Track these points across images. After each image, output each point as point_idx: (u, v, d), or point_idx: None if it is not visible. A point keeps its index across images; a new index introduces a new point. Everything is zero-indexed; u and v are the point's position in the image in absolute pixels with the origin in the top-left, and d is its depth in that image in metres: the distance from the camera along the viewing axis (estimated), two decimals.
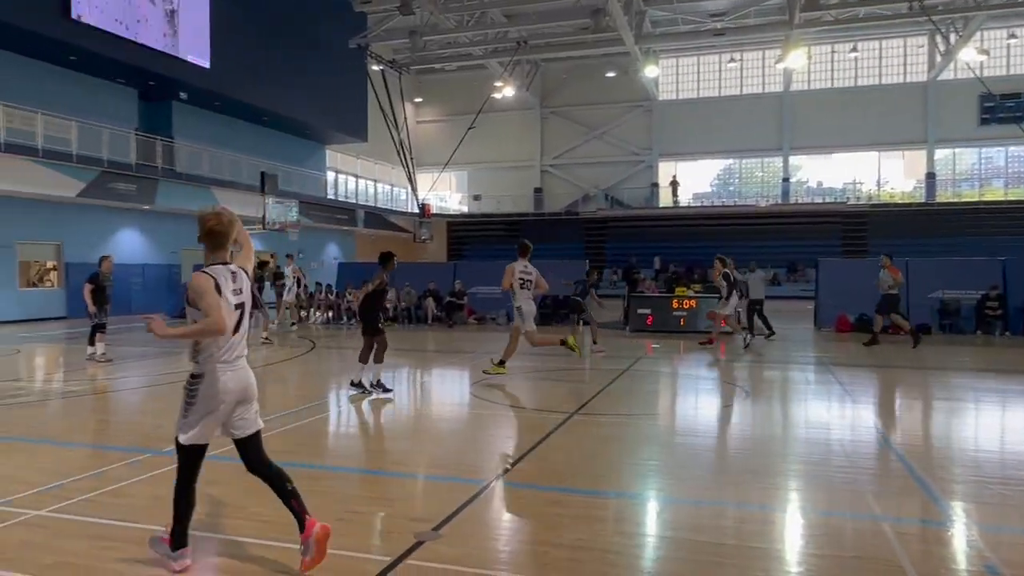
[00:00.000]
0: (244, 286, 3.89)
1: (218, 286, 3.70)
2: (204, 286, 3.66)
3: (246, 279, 3.93)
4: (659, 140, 41.88)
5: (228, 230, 3.87)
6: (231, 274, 3.83)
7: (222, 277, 3.75)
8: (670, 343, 15.40)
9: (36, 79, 21.31)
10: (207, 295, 3.64)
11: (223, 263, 3.85)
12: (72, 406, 8.75)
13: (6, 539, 4.22)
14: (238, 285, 3.85)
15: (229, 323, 3.71)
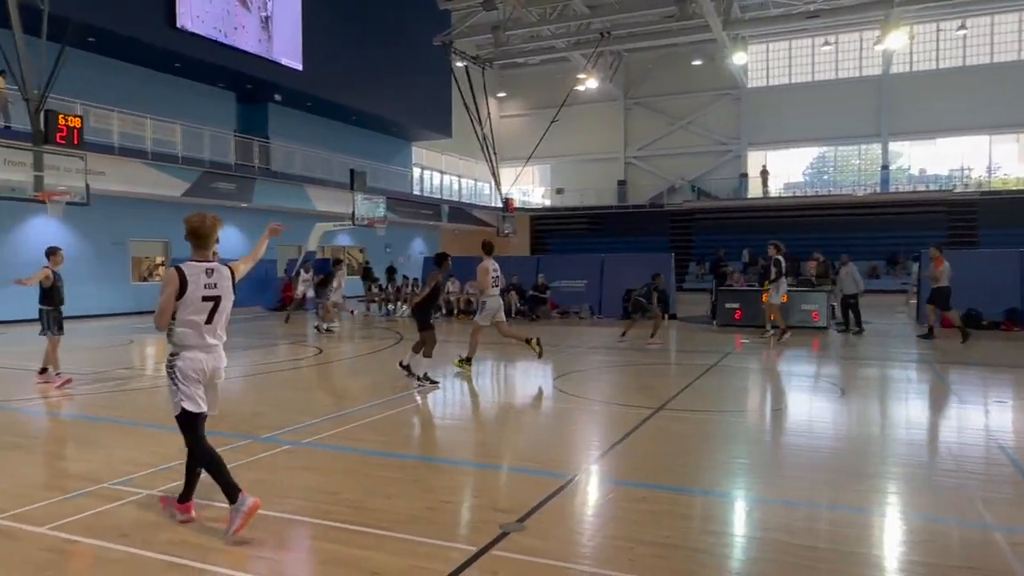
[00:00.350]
0: (221, 282, 4.34)
1: (184, 281, 4.19)
2: (166, 281, 4.27)
3: (226, 276, 4.38)
4: (748, 129, 40.57)
5: (210, 231, 4.37)
6: (207, 271, 4.30)
7: (193, 273, 4.24)
8: (760, 338, 14.93)
9: (144, 86, 22.69)
10: (164, 291, 4.24)
11: (203, 260, 4.34)
12: None
13: (123, 516, 4.54)
14: (213, 280, 4.30)
15: (196, 314, 4.24)
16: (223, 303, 4.37)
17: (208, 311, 4.30)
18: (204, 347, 4.33)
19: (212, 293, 4.31)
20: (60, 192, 14.45)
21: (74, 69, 15.91)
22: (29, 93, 13.98)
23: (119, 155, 20.07)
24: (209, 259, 4.41)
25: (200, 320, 4.27)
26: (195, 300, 4.23)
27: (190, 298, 4.22)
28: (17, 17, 13.57)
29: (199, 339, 4.30)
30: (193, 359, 4.30)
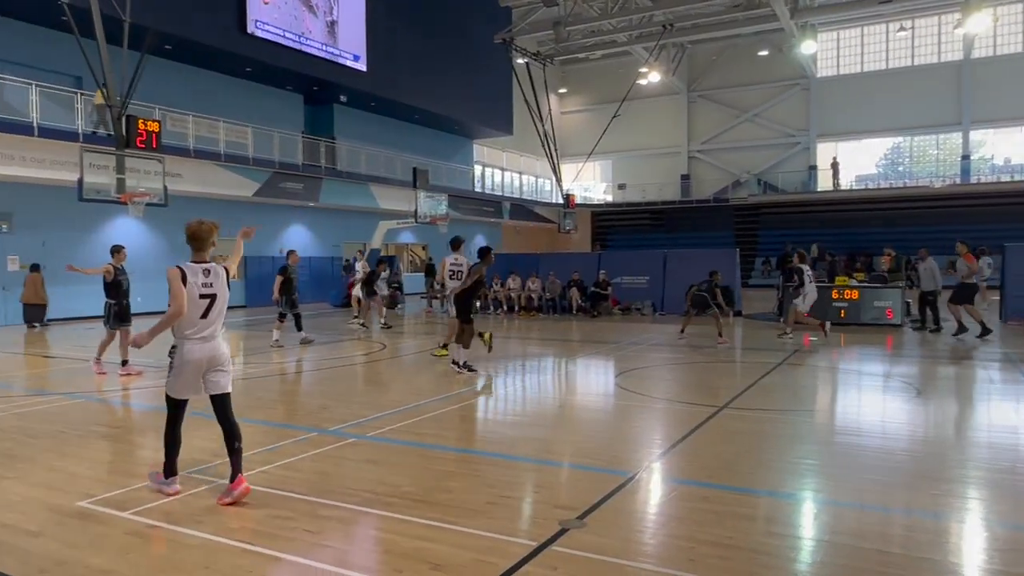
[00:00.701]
0: (216, 281, 4.83)
1: (184, 278, 4.67)
2: (171, 276, 4.70)
3: (222, 276, 4.88)
4: (817, 120, 39.28)
5: (206, 235, 4.90)
6: (204, 271, 4.80)
7: (192, 272, 4.74)
8: (830, 335, 14.47)
9: (217, 90, 23.56)
10: (172, 284, 4.67)
11: (201, 261, 4.86)
12: (251, 386, 9.64)
13: (199, 503, 4.75)
14: (209, 280, 4.80)
15: (194, 309, 4.70)
16: (219, 299, 4.84)
17: (205, 307, 4.77)
18: (201, 339, 4.79)
19: (209, 291, 4.79)
20: (140, 193, 15.15)
21: (152, 76, 16.64)
22: (112, 100, 14.69)
23: (194, 157, 20.91)
24: (206, 260, 4.90)
25: (197, 315, 4.74)
26: (193, 297, 4.70)
27: (189, 295, 4.68)
28: (101, 29, 14.27)
29: (197, 332, 4.76)
30: (190, 350, 4.76)
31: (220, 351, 4.89)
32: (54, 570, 3.75)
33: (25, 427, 7.02)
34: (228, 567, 3.76)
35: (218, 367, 4.88)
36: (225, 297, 4.90)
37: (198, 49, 21.45)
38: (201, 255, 4.90)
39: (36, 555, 3.94)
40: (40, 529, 4.31)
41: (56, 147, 17.42)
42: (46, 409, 7.96)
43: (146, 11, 15.21)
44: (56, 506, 4.73)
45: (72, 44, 14.46)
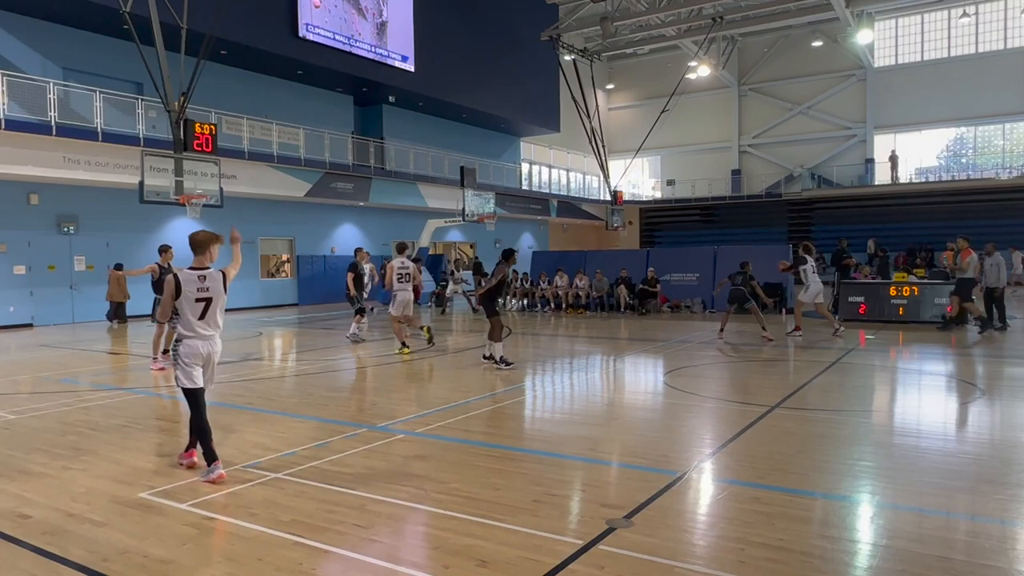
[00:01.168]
0: (213, 285, 5.35)
1: (179, 286, 5.25)
2: (166, 285, 5.31)
3: (218, 280, 5.38)
4: (874, 111, 38.05)
5: (203, 244, 5.42)
6: (200, 276, 5.33)
7: (188, 279, 5.28)
8: (887, 334, 14.04)
9: (270, 93, 24.12)
10: (165, 293, 5.34)
11: (199, 267, 5.38)
12: (303, 382, 9.85)
13: (252, 496, 4.87)
14: (205, 285, 5.33)
15: (191, 311, 5.27)
16: (215, 301, 5.38)
17: (201, 309, 5.33)
18: (200, 336, 5.34)
19: (204, 295, 5.33)
20: (198, 195, 15.61)
21: (208, 80, 17.13)
22: (170, 105, 15.17)
23: (248, 159, 21.45)
24: (205, 266, 5.42)
25: (195, 316, 5.31)
26: (190, 300, 5.28)
27: (186, 299, 5.27)
28: (160, 36, 14.75)
29: (195, 330, 5.32)
30: (191, 345, 5.32)
31: (218, 347, 5.47)
32: (117, 559, 3.89)
33: (90, 420, 7.31)
34: (280, 559, 3.85)
35: (215, 363, 5.47)
36: (221, 299, 5.43)
37: (252, 53, 21.99)
38: (200, 260, 5.44)
39: (100, 544, 4.10)
40: (104, 519, 4.49)
41: (118, 151, 18.09)
42: (109, 403, 8.28)
43: (202, 18, 15.65)
44: (119, 497, 4.91)
45: (133, 52, 14.99)
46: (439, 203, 28.30)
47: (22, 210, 18.50)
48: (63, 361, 12.08)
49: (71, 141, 17.38)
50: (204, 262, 5.44)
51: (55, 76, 18.22)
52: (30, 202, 18.64)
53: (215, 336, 5.42)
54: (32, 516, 4.56)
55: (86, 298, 19.63)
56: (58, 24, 18.81)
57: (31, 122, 16.84)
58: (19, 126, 16.51)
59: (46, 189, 18.72)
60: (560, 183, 40.81)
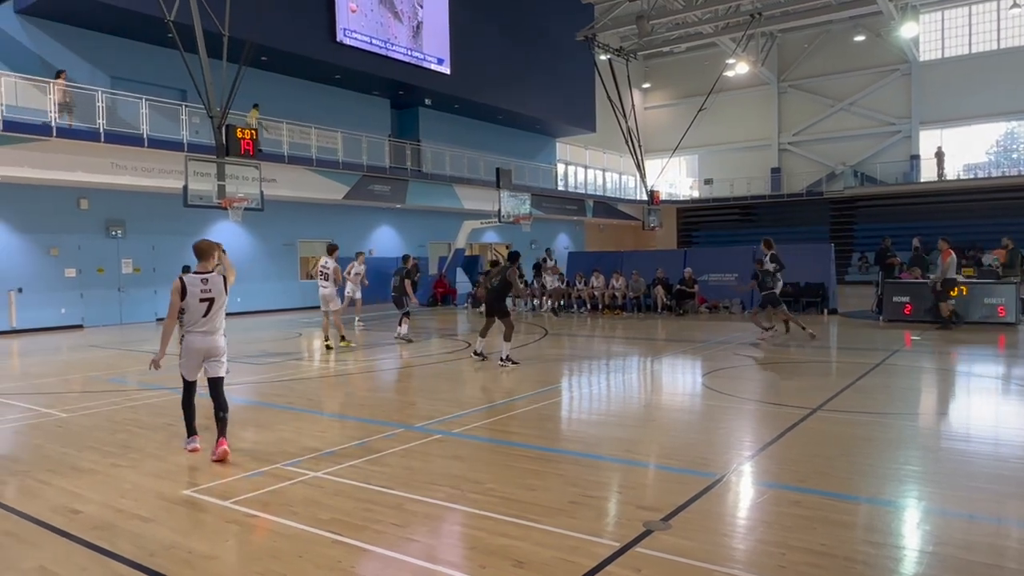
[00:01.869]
0: (214, 287, 5.93)
1: (184, 288, 5.82)
2: (173, 289, 5.87)
3: (219, 282, 5.96)
4: (920, 107, 37.09)
5: (205, 250, 5.97)
6: (202, 279, 5.91)
7: (192, 282, 5.87)
8: (933, 334, 13.67)
9: (308, 98, 24.49)
10: (171, 297, 5.88)
11: (202, 272, 5.96)
12: (342, 383, 9.98)
13: (293, 494, 4.95)
14: (208, 287, 5.90)
15: (196, 310, 5.87)
16: (216, 302, 5.94)
17: (205, 308, 5.90)
18: (201, 333, 5.94)
19: (207, 296, 5.90)
20: (239, 199, 15.93)
21: (249, 86, 17.47)
22: (213, 111, 15.51)
23: (288, 163, 21.82)
24: (208, 270, 5.97)
25: (199, 314, 5.90)
26: (194, 301, 5.86)
27: (190, 300, 5.85)
28: (203, 44, 15.10)
29: (198, 327, 5.93)
30: (192, 340, 5.95)
31: (217, 344, 6.03)
32: (163, 554, 4.00)
33: (137, 419, 7.51)
34: (320, 557, 3.91)
35: (214, 357, 6.03)
36: (222, 299, 6.00)
37: (291, 59, 22.37)
38: (203, 265, 6.00)
39: (147, 539, 4.21)
40: (151, 515, 4.61)
41: (163, 157, 18.55)
42: (156, 402, 8.50)
43: (244, 25, 15.97)
44: (165, 494, 5.04)
45: (177, 59, 15.36)
46: (475, 204, 28.41)
47: (73, 215, 19.11)
48: (111, 361, 12.45)
49: (119, 148, 17.91)
50: (207, 267, 6.00)
51: (103, 85, 18.77)
52: (80, 207, 19.24)
53: (215, 334, 5.99)
54: (83, 511, 4.71)
55: (133, 300, 20.19)
56: (106, 34, 19.39)
57: (81, 130, 17.39)
58: (70, 134, 17.06)
59: (95, 194, 19.30)
60: (596, 183, 40.63)
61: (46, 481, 5.40)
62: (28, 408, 8.33)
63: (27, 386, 9.92)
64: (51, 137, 16.67)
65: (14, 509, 4.79)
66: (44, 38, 18.39)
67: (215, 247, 6.05)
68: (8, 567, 3.89)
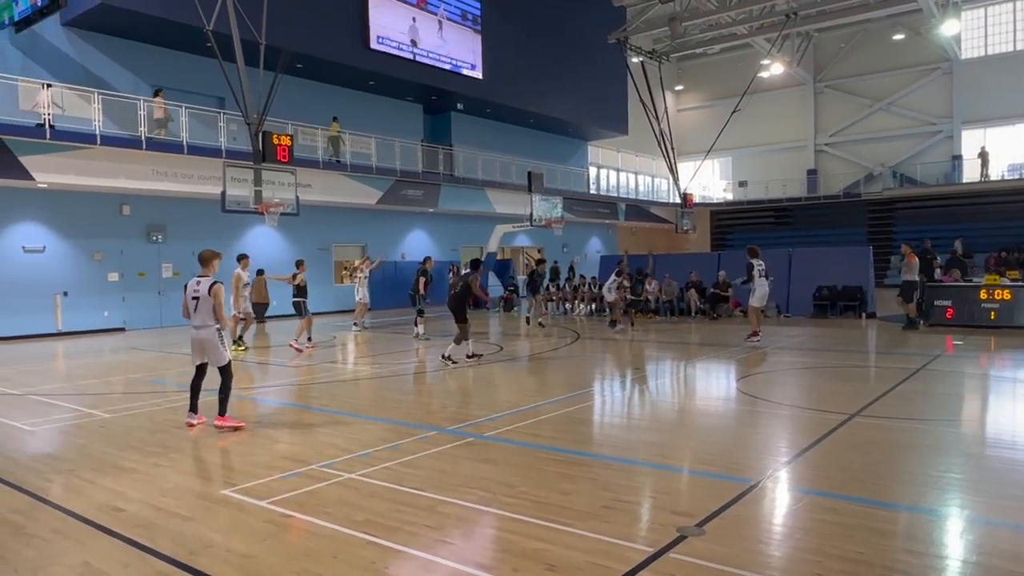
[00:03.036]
0: (202, 289, 7.06)
1: (186, 288, 7.21)
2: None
3: (206, 286, 7.05)
4: (962, 106, 36.20)
5: (207, 259, 7.26)
6: (197, 281, 7.15)
7: (191, 284, 7.20)
8: (976, 339, 13.33)
9: (342, 104, 24.78)
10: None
11: (202, 276, 7.19)
12: (375, 385, 10.07)
13: (328, 495, 5.02)
14: (199, 287, 7.07)
15: (188, 307, 7.15)
16: (201, 301, 7.04)
17: (194, 306, 7.09)
18: (194, 327, 7.16)
19: (195, 295, 7.08)
20: (275, 204, 16.19)
21: (285, 93, 17.76)
22: (250, 118, 15.80)
23: (323, 168, 22.11)
24: (207, 275, 7.17)
25: (192, 310, 7.13)
26: (188, 299, 7.15)
27: (185, 298, 7.19)
28: (240, 52, 15.40)
29: (191, 323, 7.19)
30: (191, 335, 7.27)
31: (205, 337, 7.09)
32: (203, 552, 4.08)
33: (177, 420, 7.68)
34: (355, 557, 3.95)
35: (208, 350, 7.13)
36: (207, 301, 7.02)
37: (326, 66, 22.68)
38: (204, 271, 7.21)
39: (187, 537, 4.31)
40: (191, 514, 4.71)
41: (202, 163, 18.96)
42: None
43: (280, 34, 16.24)
44: (203, 493, 5.15)
45: (215, 68, 15.69)
46: (507, 208, 28.47)
47: (115, 220, 19.61)
48: (152, 363, 12.74)
49: (159, 155, 18.35)
50: (206, 272, 7.19)
51: (145, 94, 19.25)
52: (122, 213, 19.74)
53: (202, 327, 7.07)
54: (126, 510, 4.83)
55: (173, 303, 20.61)
56: (147, 44, 19.87)
57: (123, 137, 17.85)
58: (113, 141, 17.53)
59: (137, 200, 19.79)
60: (628, 186, 40.42)
61: (90, 480, 5.55)
62: (73, 408, 8.56)
63: (72, 387, 10.20)
64: (95, 145, 17.14)
65: (60, 506, 4.93)
66: (89, 49, 18.93)
67: (215, 256, 7.30)
68: (55, 562, 4.01)
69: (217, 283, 7.09)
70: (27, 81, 16.89)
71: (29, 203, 17.92)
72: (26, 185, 17.06)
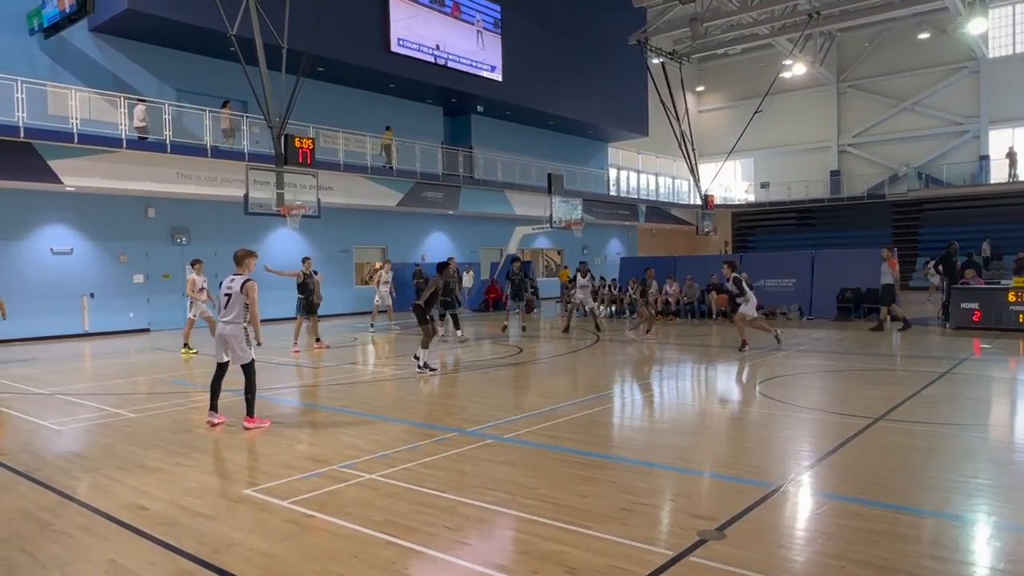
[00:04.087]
0: (234, 287, 7.23)
1: (221, 284, 7.41)
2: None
3: (239, 283, 7.21)
4: (989, 105, 35.61)
5: (243, 259, 7.39)
6: (230, 280, 7.33)
7: (226, 280, 7.38)
8: (1004, 342, 13.10)
9: (363, 107, 24.96)
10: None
11: (236, 274, 7.34)
12: (395, 386, 10.11)
13: (349, 495, 5.05)
14: (232, 284, 7.26)
15: (222, 302, 7.28)
16: (233, 298, 7.21)
17: (225, 302, 7.26)
18: (223, 322, 7.29)
19: (228, 292, 7.27)
20: (297, 206, 16.34)
21: (306, 96, 17.93)
22: (272, 121, 15.96)
23: (343, 171, 22.27)
24: (242, 273, 7.31)
25: (223, 306, 7.29)
26: (221, 295, 7.32)
27: (220, 293, 7.34)
28: (263, 57, 15.57)
29: (221, 317, 7.33)
30: (218, 327, 7.44)
31: (232, 333, 7.21)
32: (225, 551, 4.12)
33: (200, 420, 7.77)
34: (375, 558, 3.97)
35: (234, 346, 7.23)
36: (237, 297, 7.18)
37: (347, 69, 22.85)
38: (239, 270, 7.35)
39: (210, 536, 4.36)
40: (213, 513, 4.76)
41: (225, 166, 19.19)
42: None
43: (301, 38, 16.41)
44: (226, 492, 5.20)
45: (238, 72, 15.88)
46: (526, 210, 28.48)
47: (140, 223, 19.91)
48: (176, 364, 12.90)
49: (183, 158, 18.60)
50: (241, 271, 7.33)
51: (169, 98, 19.53)
52: (147, 215, 20.03)
53: (230, 323, 7.21)
54: (150, 508, 4.90)
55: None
56: (172, 49, 20.16)
57: (148, 141, 18.11)
58: (138, 145, 17.79)
59: (161, 203, 20.07)
60: (648, 188, 40.25)
61: (116, 478, 5.63)
62: (99, 408, 8.70)
63: (98, 387, 10.36)
64: (121, 149, 17.41)
65: (87, 504, 5.01)
66: (115, 54, 19.24)
67: (250, 255, 7.45)
68: (81, 559, 4.07)
69: (250, 281, 7.21)
70: (56, 86, 17.21)
71: (57, 206, 18.26)
72: (54, 188, 17.38)
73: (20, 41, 17.42)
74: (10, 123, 15.84)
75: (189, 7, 17.98)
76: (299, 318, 14.57)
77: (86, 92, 17.58)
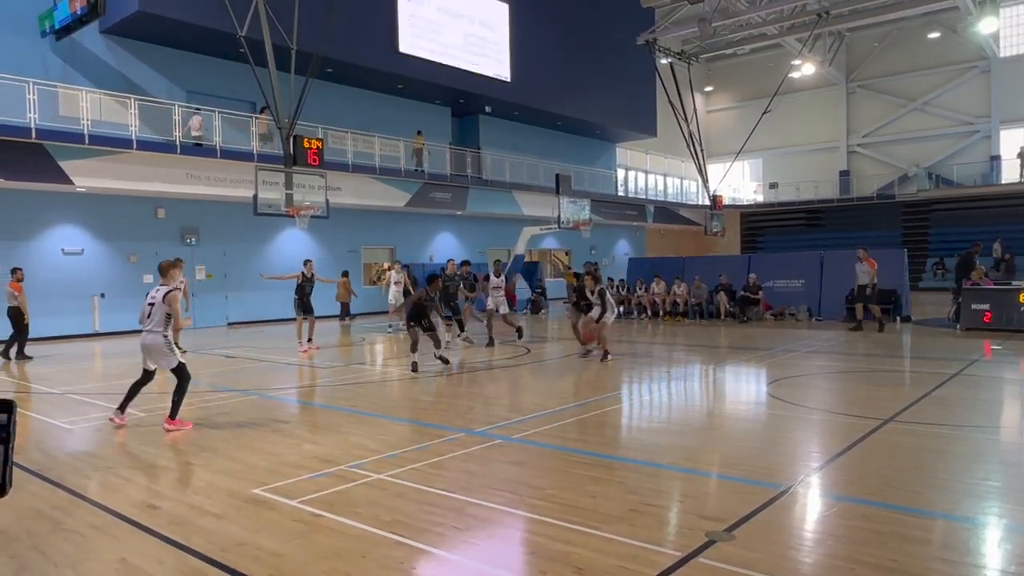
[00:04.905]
0: (156, 297, 7.27)
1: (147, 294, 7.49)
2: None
3: (161, 293, 7.26)
4: (1000, 105, 35.37)
5: (167, 270, 7.45)
6: (156, 289, 7.36)
7: (152, 289, 7.44)
8: (1015, 344, 13.00)
9: (372, 107, 25.02)
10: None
11: (162, 285, 7.36)
12: (403, 387, 10.13)
13: (357, 495, 5.06)
14: (155, 294, 7.30)
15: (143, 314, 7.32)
16: (154, 308, 7.23)
17: (148, 311, 7.27)
18: (145, 331, 7.30)
19: (151, 301, 7.29)
20: (306, 207, 16.39)
21: (315, 97, 17.99)
22: (281, 122, 16.02)
23: (352, 172, 22.33)
24: (166, 284, 7.36)
25: (143, 316, 7.32)
26: (145, 305, 7.34)
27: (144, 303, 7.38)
28: (272, 58, 15.63)
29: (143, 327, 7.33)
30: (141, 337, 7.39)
31: (152, 342, 7.26)
32: (234, 550, 4.14)
33: (209, 419, 7.81)
34: (383, 557, 3.98)
35: (155, 355, 7.31)
36: (159, 306, 7.23)
37: (355, 70, 22.92)
38: (164, 281, 7.42)
39: (219, 535, 4.38)
40: (222, 512, 4.79)
41: (235, 167, 19.27)
42: (225, 404, 8.81)
43: (310, 39, 16.47)
44: (235, 492, 5.23)
45: (248, 73, 15.94)
46: (534, 211, 28.48)
47: (150, 223, 20.02)
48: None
49: (193, 159, 18.69)
50: (166, 282, 7.41)
51: (179, 99, 19.63)
52: (157, 216, 20.14)
53: (150, 331, 7.26)
54: (160, 507, 4.92)
55: (206, 305, 20.96)
56: (182, 50, 20.27)
57: (158, 142, 18.22)
58: (148, 146, 17.89)
59: (171, 204, 20.17)
60: (656, 188, 40.18)
61: (126, 477, 5.67)
62: (110, 407, 8.73)
63: (108, 387, 10.43)
64: (131, 150, 17.51)
65: (98, 503, 5.05)
66: (126, 56, 19.36)
67: (177, 264, 7.63)
68: (92, 558, 4.10)
69: (172, 291, 7.33)
70: (67, 88, 17.33)
71: (68, 206, 18.38)
72: (65, 189, 17.50)
73: (32, 43, 17.55)
74: (22, 124, 15.96)
75: (199, 9, 18.07)
76: (299, 318, 14.74)
77: (97, 93, 17.69)
